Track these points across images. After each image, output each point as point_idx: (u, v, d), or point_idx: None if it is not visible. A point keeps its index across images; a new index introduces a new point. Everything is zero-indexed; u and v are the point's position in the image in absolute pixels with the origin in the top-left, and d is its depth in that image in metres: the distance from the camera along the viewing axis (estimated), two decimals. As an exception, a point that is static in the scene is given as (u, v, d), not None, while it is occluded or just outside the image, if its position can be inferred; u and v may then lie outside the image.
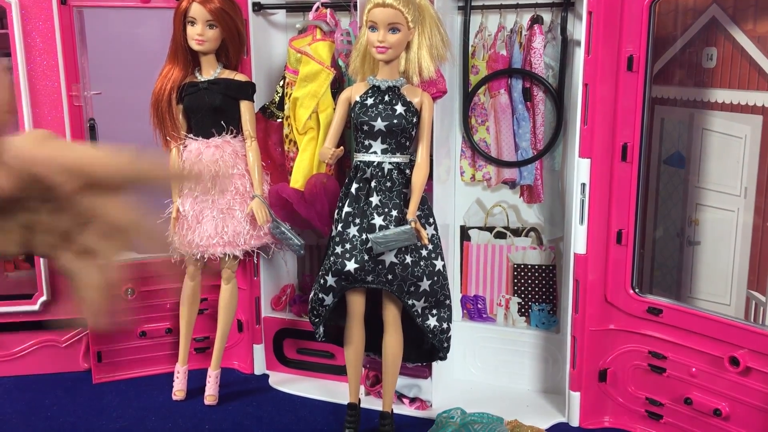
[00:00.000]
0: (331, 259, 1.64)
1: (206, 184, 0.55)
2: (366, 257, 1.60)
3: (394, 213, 1.61)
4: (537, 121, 1.87)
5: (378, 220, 1.60)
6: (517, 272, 1.98)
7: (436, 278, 1.64)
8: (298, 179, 1.87)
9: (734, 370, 1.54)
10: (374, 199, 1.62)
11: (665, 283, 1.91)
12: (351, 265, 1.60)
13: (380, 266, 1.60)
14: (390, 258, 1.60)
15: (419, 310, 1.65)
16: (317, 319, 1.71)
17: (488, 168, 1.94)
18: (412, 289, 1.62)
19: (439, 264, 1.65)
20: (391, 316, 1.68)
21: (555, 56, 1.82)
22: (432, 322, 1.66)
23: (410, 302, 1.63)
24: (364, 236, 1.60)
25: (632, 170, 1.65)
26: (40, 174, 0.51)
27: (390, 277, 1.60)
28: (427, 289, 1.63)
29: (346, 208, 1.65)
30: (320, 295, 1.67)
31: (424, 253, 1.64)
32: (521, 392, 1.97)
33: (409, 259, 1.61)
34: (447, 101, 1.85)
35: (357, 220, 1.63)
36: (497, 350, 2.01)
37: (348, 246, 1.62)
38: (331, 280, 1.64)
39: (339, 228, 1.65)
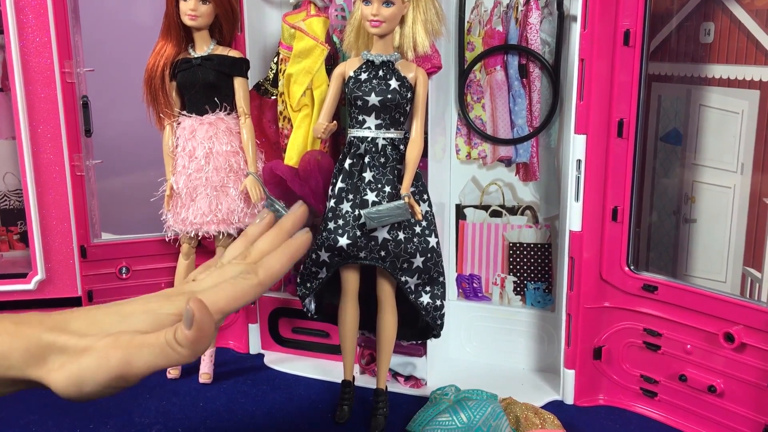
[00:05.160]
0: (324, 234, 1.63)
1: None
2: (358, 233, 1.59)
3: (388, 189, 1.60)
4: (533, 98, 1.85)
5: (371, 196, 1.59)
6: (512, 251, 1.97)
7: (429, 255, 1.63)
8: (292, 156, 1.85)
9: (729, 347, 1.53)
10: (367, 175, 1.61)
11: (661, 261, 1.89)
12: (343, 241, 1.60)
13: (373, 242, 1.59)
14: (383, 234, 1.59)
15: (412, 287, 1.64)
16: (307, 291, 1.69)
17: (484, 146, 1.93)
18: (405, 265, 1.61)
19: (432, 241, 1.64)
20: (385, 293, 1.67)
21: (551, 32, 1.80)
22: (425, 299, 1.65)
23: (403, 279, 1.62)
24: (356, 212, 1.59)
25: (628, 146, 1.63)
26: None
27: (383, 253, 1.59)
28: (421, 265, 1.62)
29: (340, 184, 1.64)
30: (313, 269, 1.66)
31: (417, 229, 1.63)
32: (516, 370, 1.97)
33: (402, 236, 1.60)
34: (443, 79, 1.83)
35: (350, 196, 1.62)
36: (492, 329, 2.00)
37: (341, 222, 1.61)
38: (324, 255, 1.63)
39: (332, 203, 1.64)
